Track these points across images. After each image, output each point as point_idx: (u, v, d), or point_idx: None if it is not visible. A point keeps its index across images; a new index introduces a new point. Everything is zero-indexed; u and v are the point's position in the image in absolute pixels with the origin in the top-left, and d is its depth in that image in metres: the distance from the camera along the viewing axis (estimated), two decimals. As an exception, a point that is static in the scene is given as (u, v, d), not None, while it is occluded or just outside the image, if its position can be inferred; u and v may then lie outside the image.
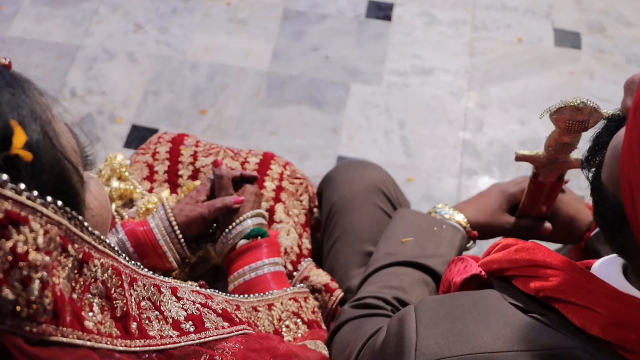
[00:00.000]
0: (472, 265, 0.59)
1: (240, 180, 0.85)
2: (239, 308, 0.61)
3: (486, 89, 1.73)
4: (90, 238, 0.39)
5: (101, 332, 0.37)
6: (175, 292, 0.50)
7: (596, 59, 1.78)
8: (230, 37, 1.83)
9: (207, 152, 0.94)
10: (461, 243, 0.83)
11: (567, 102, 0.62)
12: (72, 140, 0.42)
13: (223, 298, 0.59)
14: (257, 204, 0.84)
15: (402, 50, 1.80)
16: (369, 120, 1.67)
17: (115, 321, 0.39)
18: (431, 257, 0.78)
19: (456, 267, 0.63)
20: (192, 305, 0.50)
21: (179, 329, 0.46)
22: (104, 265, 0.40)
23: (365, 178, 0.92)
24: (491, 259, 0.57)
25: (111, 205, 0.89)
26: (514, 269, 0.53)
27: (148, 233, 0.74)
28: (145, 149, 0.95)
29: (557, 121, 0.65)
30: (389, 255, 0.79)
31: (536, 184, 0.83)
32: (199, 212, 0.79)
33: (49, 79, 1.74)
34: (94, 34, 1.83)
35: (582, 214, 0.90)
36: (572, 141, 0.71)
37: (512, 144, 1.63)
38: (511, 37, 1.83)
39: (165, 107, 1.70)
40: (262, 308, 0.67)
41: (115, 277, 0.41)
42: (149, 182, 0.91)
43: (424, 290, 0.75)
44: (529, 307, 0.49)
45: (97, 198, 0.45)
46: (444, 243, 0.80)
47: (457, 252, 0.81)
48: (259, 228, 0.80)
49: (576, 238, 0.91)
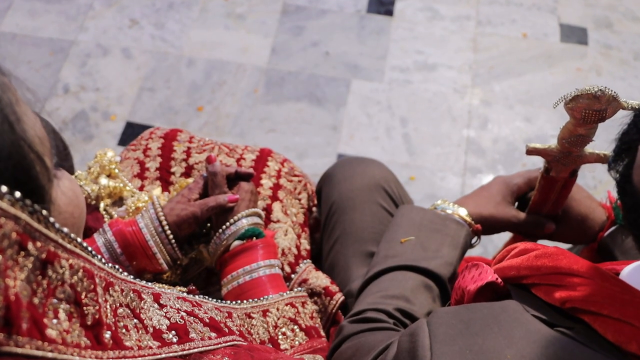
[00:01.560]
0: (487, 271, 0.55)
1: (235, 178, 0.81)
2: (231, 315, 0.57)
3: (490, 85, 1.68)
4: (56, 235, 0.34)
5: (66, 342, 0.33)
6: (158, 299, 0.45)
7: (603, 54, 1.74)
8: (228, 32, 1.78)
9: (201, 148, 0.89)
10: (465, 240, 0.78)
11: (584, 89, 0.58)
12: (40, 128, 0.38)
13: (213, 305, 0.54)
14: (252, 202, 0.79)
15: (404, 45, 1.76)
16: (370, 117, 1.62)
17: (84, 329, 0.35)
18: (433, 259, 0.73)
19: (470, 274, 0.58)
20: (175, 313, 0.45)
21: (160, 339, 0.42)
22: (73, 267, 0.35)
23: (367, 175, 0.88)
24: (507, 264, 0.53)
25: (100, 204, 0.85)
26: (534, 277, 0.49)
27: (136, 233, 0.70)
28: (136, 145, 0.91)
29: (572, 110, 0.61)
30: (389, 258, 0.74)
31: (547, 180, 0.78)
32: (191, 211, 0.74)
33: (42, 75, 1.70)
34: (88, 29, 1.79)
35: (594, 213, 0.86)
36: (587, 133, 0.66)
37: (517, 142, 1.59)
38: (516, 33, 1.78)
39: (161, 104, 1.65)
40: (256, 314, 0.63)
41: (87, 280, 0.36)
42: (139, 180, 0.87)
43: (427, 296, 0.70)
44: (553, 320, 0.45)
45: (65, 193, 0.41)
46: (446, 241, 0.75)
47: (461, 251, 0.76)
48: (254, 228, 0.76)
49: (588, 238, 0.86)
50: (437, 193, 1.51)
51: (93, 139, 1.60)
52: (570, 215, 0.85)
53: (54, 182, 0.39)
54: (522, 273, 0.51)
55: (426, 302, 0.69)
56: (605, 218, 0.85)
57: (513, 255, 0.55)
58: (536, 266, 0.49)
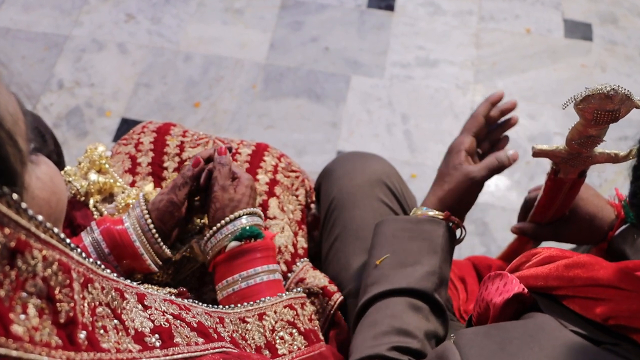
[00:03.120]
0: (513, 281, 0.51)
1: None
2: (223, 321, 0.53)
3: (493, 82, 1.65)
4: (28, 223, 0.31)
5: (34, 340, 0.30)
6: (142, 300, 0.42)
7: (608, 50, 1.71)
8: (226, 27, 1.75)
9: (195, 143, 0.86)
10: (445, 237, 0.70)
11: (595, 89, 0.54)
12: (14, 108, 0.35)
13: (203, 309, 0.51)
14: (252, 199, 0.74)
15: (405, 41, 1.72)
16: (370, 113, 1.59)
17: (56, 327, 0.32)
18: (412, 274, 0.66)
19: (493, 285, 0.54)
20: (160, 315, 0.42)
21: (142, 343, 0.38)
22: (47, 259, 0.32)
23: (367, 170, 0.84)
24: (533, 273, 0.49)
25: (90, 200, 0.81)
26: (566, 288, 0.45)
27: (122, 233, 0.66)
28: (127, 139, 0.87)
29: (582, 111, 0.58)
30: (368, 287, 0.68)
31: (555, 182, 0.74)
32: (167, 198, 0.69)
33: (36, 70, 1.67)
34: (83, 24, 1.76)
35: (603, 212, 0.82)
36: (598, 133, 0.63)
37: (521, 139, 1.55)
38: (519, 28, 1.75)
39: (157, 100, 1.62)
40: (250, 319, 0.59)
41: (62, 274, 0.33)
42: (130, 175, 0.83)
43: (418, 318, 0.64)
44: (594, 335, 0.41)
45: (40, 178, 0.38)
46: (424, 248, 0.68)
47: (443, 253, 0.69)
48: (252, 228, 0.70)
49: (597, 238, 0.83)
50: (438, 191, 1.47)
51: (87, 135, 1.56)
52: (578, 215, 0.81)
53: (29, 166, 0.36)
54: (551, 284, 0.47)
55: (419, 323, 0.63)
56: (614, 217, 0.82)
57: (536, 262, 0.51)
58: (568, 277, 0.45)
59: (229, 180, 0.73)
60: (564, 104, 0.57)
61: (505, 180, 1.50)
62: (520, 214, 0.89)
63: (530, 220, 0.85)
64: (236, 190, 0.72)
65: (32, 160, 0.37)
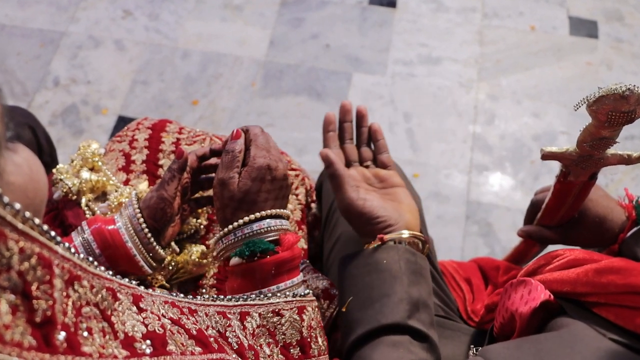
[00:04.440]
0: (538, 288, 0.47)
1: (210, 155, 0.70)
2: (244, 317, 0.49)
3: (497, 80, 1.62)
4: (3, 210, 0.28)
5: (4, 339, 0.27)
6: (138, 301, 0.39)
7: (614, 48, 1.68)
8: (225, 24, 1.72)
9: (191, 139, 0.83)
10: (404, 259, 0.63)
11: (609, 89, 0.51)
12: None
13: (215, 310, 0.47)
14: (276, 193, 0.59)
15: (407, 38, 1.69)
16: (372, 111, 1.56)
17: (31, 327, 0.29)
18: (380, 311, 0.60)
19: (517, 293, 0.50)
20: (155, 320, 0.39)
21: (130, 348, 0.35)
22: (25, 251, 0.29)
23: (371, 168, 0.81)
24: (558, 278, 0.46)
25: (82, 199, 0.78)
26: (597, 295, 0.42)
27: (114, 233, 0.62)
28: (121, 136, 0.84)
29: (596, 113, 0.54)
30: (346, 336, 0.63)
31: (564, 185, 0.71)
32: (157, 195, 0.64)
33: (31, 67, 1.64)
34: (80, 20, 1.72)
35: (613, 213, 0.79)
36: (611, 135, 0.60)
37: (525, 138, 1.53)
38: (523, 25, 1.72)
39: (154, 97, 1.59)
40: (287, 312, 0.54)
41: (42, 269, 0.30)
42: (124, 173, 0.80)
43: (399, 355, 0.58)
44: (633, 343, 0.38)
45: (18, 165, 0.35)
46: (385, 278, 0.61)
47: (409, 274, 0.62)
48: (258, 242, 0.56)
49: (607, 240, 0.80)
50: (441, 191, 1.44)
51: (83, 133, 1.53)
52: (588, 217, 0.78)
53: (4, 151, 0.33)
54: (580, 290, 0.44)
55: (403, 358, 0.57)
56: (625, 218, 0.78)
57: (559, 266, 0.47)
58: (601, 283, 0.42)
59: (231, 172, 0.59)
60: (575, 104, 0.55)
61: (510, 180, 1.47)
62: (527, 217, 0.85)
63: (537, 223, 0.82)
64: (239, 186, 0.59)
65: (9, 147, 0.34)
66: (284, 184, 0.60)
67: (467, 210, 1.41)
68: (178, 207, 0.67)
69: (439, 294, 0.79)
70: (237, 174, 0.59)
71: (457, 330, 0.73)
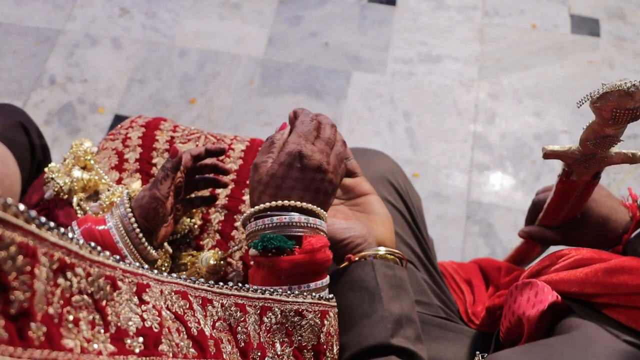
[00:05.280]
0: (545, 289, 0.45)
1: (205, 156, 0.67)
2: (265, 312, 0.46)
3: (498, 78, 1.60)
4: None
5: None
6: (142, 291, 0.37)
7: (616, 47, 1.66)
8: (223, 22, 1.70)
9: (186, 138, 0.81)
10: (381, 274, 0.58)
11: (613, 85, 0.50)
12: None
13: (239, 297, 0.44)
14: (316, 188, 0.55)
15: (407, 36, 1.68)
16: (371, 110, 1.54)
17: (4, 319, 0.27)
18: (361, 333, 0.56)
19: (523, 296, 0.48)
20: (155, 316, 0.37)
21: (119, 344, 0.33)
22: (3, 239, 0.28)
23: (370, 168, 0.79)
24: (565, 278, 0.44)
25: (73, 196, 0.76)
26: (608, 296, 0.40)
27: (104, 233, 0.60)
28: (114, 134, 0.83)
29: (600, 110, 0.53)
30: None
31: (567, 184, 0.69)
32: (149, 194, 0.62)
33: (27, 66, 1.62)
34: (77, 18, 1.71)
35: (616, 213, 0.77)
36: (615, 133, 0.58)
37: (526, 137, 1.51)
38: (524, 23, 1.70)
39: (151, 96, 1.57)
40: (311, 314, 0.51)
41: (23, 258, 0.29)
42: (117, 172, 0.78)
43: None
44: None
45: None
46: (364, 296, 0.57)
47: (388, 289, 0.59)
48: (274, 237, 0.52)
49: (611, 241, 0.78)
50: (441, 191, 1.43)
51: (79, 132, 1.51)
52: (590, 217, 0.76)
53: None
54: (588, 290, 0.42)
55: None
56: (629, 218, 0.76)
57: (566, 265, 0.46)
58: (612, 284, 0.40)
59: (265, 156, 0.56)
60: (579, 101, 0.53)
61: (510, 179, 1.45)
62: (528, 217, 0.84)
63: (539, 223, 0.80)
64: (267, 169, 0.54)
65: None
66: (317, 176, 0.55)
67: (467, 211, 1.39)
68: (171, 207, 0.65)
69: (439, 295, 0.78)
70: (270, 159, 0.56)
71: (460, 332, 0.71)
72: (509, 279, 0.80)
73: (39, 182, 0.83)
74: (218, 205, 0.76)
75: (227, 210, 0.75)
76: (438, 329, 0.71)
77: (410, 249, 0.77)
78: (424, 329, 0.70)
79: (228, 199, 0.76)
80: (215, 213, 0.76)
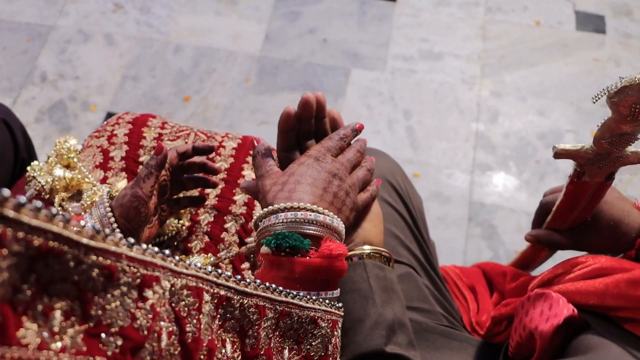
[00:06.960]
0: (560, 302, 0.41)
1: (192, 154, 0.64)
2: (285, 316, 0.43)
3: (501, 76, 1.56)
4: None
5: None
6: (144, 286, 0.32)
7: (622, 44, 1.62)
8: (219, 18, 1.66)
9: (175, 135, 0.77)
10: (372, 276, 0.56)
11: (632, 78, 0.46)
12: None
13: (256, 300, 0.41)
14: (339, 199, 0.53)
15: (408, 33, 1.63)
16: (370, 108, 1.50)
17: None
18: (354, 340, 0.54)
19: (536, 309, 0.44)
20: (147, 317, 0.32)
21: (92, 341, 0.29)
22: None
23: (370, 167, 0.75)
24: (582, 289, 0.40)
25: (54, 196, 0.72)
26: (630, 310, 0.36)
27: None
28: (100, 131, 0.79)
29: (617, 105, 0.49)
30: None
31: (578, 186, 0.65)
32: (131, 192, 0.58)
33: (18, 62, 1.58)
34: (69, 14, 1.67)
35: (629, 216, 0.73)
36: (633, 131, 0.54)
37: (530, 136, 1.46)
38: (528, 20, 1.66)
39: (145, 93, 1.53)
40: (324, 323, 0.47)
41: None
42: (101, 170, 0.74)
43: None
44: None
45: None
46: (357, 299, 0.55)
47: (380, 292, 0.56)
48: (289, 235, 0.48)
49: (623, 246, 0.73)
50: (443, 191, 1.38)
51: (71, 130, 1.47)
52: (602, 220, 0.71)
53: None
54: (609, 303, 0.38)
55: None
56: None
57: (583, 275, 0.41)
58: (636, 297, 0.36)
59: (265, 167, 0.56)
60: (594, 96, 0.49)
61: (514, 180, 1.41)
62: (535, 220, 0.79)
63: (547, 226, 0.76)
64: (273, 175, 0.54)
65: None
66: (334, 181, 0.54)
67: (469, 212, 1.35)
68: (154, 207, 0.61)
69: (441, 302, 0.73)
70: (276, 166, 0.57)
71: (464, 341, 0.67)
72: (515, 285, 0.75)
73: (22, 182, 0.79)
74: (207, 205, 0.72)
75: (217, 211, 0.71)
76: (441, 337, 0.67)
77: (411, 252, 0.73)
78: (426, 338, 0.66)
79: (218, 199, 0.72)
80: (204, 214, 0.72)
